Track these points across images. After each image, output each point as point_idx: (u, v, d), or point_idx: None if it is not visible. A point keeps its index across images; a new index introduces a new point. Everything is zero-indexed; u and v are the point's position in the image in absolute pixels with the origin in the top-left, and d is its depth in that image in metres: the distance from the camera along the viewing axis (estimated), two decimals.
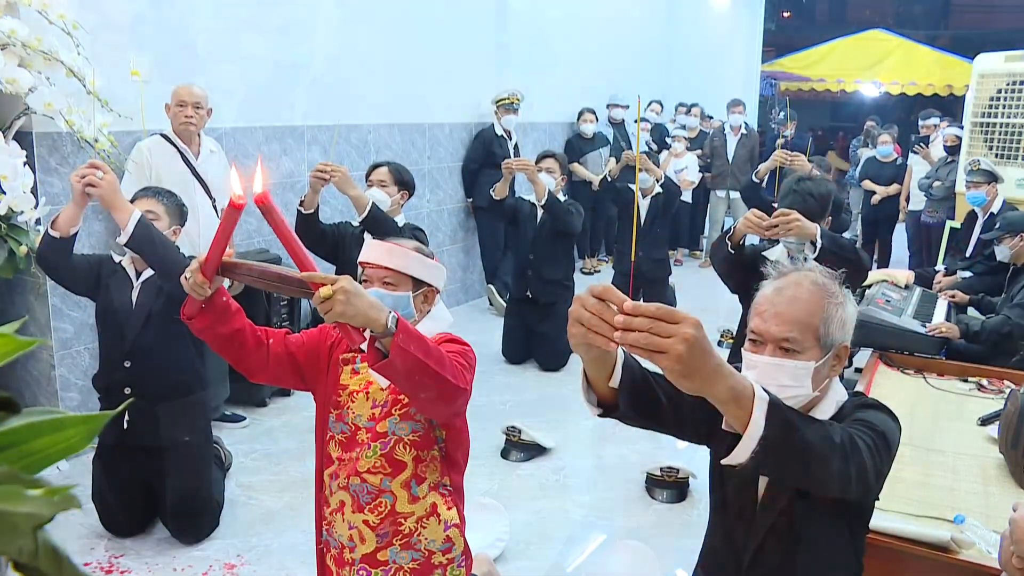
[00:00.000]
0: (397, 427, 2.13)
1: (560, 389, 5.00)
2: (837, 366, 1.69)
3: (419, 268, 2.12)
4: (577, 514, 3.46)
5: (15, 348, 0.38)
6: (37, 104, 3.42)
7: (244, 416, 4.33)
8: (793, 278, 1.67)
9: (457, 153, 6.69)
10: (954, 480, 2.81)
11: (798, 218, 3.01)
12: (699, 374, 1.22)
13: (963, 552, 2.27)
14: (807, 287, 1.65)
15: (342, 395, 2.18)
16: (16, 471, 0.36)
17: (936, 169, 7.26)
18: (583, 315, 1.27)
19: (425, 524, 2.20)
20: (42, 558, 0.36)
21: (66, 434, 0.40)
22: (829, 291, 1.66)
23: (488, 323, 6.38)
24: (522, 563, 3.03)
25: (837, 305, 1.65)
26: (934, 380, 3.73)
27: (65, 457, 0.42)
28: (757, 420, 1.30)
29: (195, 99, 3.91)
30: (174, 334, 3.08)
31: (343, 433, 2.19)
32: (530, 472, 3.85)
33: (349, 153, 5.50)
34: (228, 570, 2.99)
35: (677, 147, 8.46)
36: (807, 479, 1.49)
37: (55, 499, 0.36)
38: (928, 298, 4.56)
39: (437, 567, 2.24)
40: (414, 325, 2.02)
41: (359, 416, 2.16)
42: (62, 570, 0.37)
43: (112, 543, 3.15)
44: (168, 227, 3.08)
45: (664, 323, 1.20)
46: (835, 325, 1.63)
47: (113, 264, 3.15)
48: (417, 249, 2.15)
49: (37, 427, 0.39)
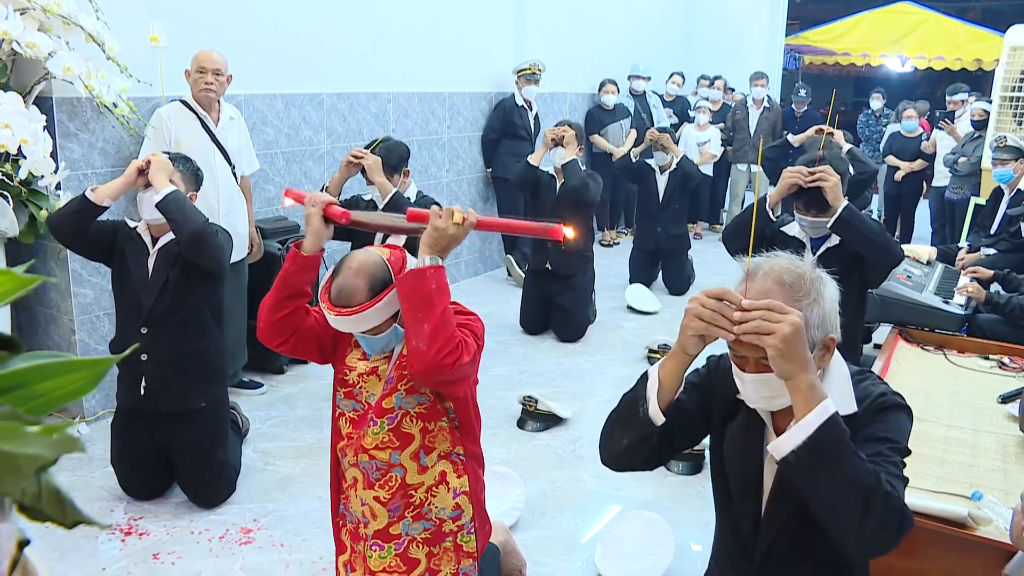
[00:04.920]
0: (403, 401, 2.16)
1: (577, 360, 4.99)
2: (826, 356, 1.63)
3: (387, 307, 2.07)
4: (592, 485, 3.47)
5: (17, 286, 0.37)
6: (56, 69, 3.42)
7: (262, 383, 4.35)
8: (759, 286, 1.58)
9: (477, 123, 6.66)
10: (973, 457, 2.79)
11: (837, 183, 3.18)
12: (796, 359, 1.46)
13: (980, 528, 2.26)
14: (776, 293, 1.56)
15: (350, 375, 2.22)
16: (17, 410, 0.35)
17: (962, 145, 7.15)
18: (703, 312, 1.54)
19: (435, 492, 2.23)
20: (46, 500, 0.36)
21: (72, 377, 0.39)
22: (799, 291, 1.57)
23: (506, 293, 6.38)
24: (537, 532, 3.04)
25: (811, 304, 1.57)
26: (954, 357, 3.70)
27: (71, 400, 0.41)
28: (812, 421, 1.46)
29: (215, 66, 3.90)
30: (191, 301, 3.10)
31: (355, 411, 2.23)
32: (546, 442, 3.86)
33: (368, 122, 5.48)
34: (244, 534, 3.02)
35: (700, 119, 8.39)
36: (827, 504, 1.49)
37: (56, 438, 0.36)
38: (950, 275, 4.51)
39: (448, 534, 2.26)
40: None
41: (372, 395, 2.19)
42: (66, 512, 0.37)
43: (131, 506, 3.18)
44: (184, 193, 3.08)
45: (775, 312, 1.47)
46: (813, 325, 1.56)
47: (128, 230, 3.15)
48: (369, 287, 2.05)
49: (42, 369, 0.39)
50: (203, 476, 3.20)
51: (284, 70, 4.82)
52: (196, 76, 3.89)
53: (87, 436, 3.71)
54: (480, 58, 6.57)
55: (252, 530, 3.05)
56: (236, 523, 3.09)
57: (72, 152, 3.74)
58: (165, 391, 3.09)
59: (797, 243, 3.37)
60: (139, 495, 3.23)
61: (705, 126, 8.43)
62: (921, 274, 4.38)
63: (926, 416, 3.09)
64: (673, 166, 6.32)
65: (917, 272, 4.39)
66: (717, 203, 9.18)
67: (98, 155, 3.84)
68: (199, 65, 3.89)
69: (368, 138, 5.44)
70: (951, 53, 12.45)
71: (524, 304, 5.51)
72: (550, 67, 6.86)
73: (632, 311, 5.96)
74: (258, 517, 3.14)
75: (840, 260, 3.19)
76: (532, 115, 6.79)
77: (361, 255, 2.12)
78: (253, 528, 3.06)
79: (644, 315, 5.91)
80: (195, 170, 3.21)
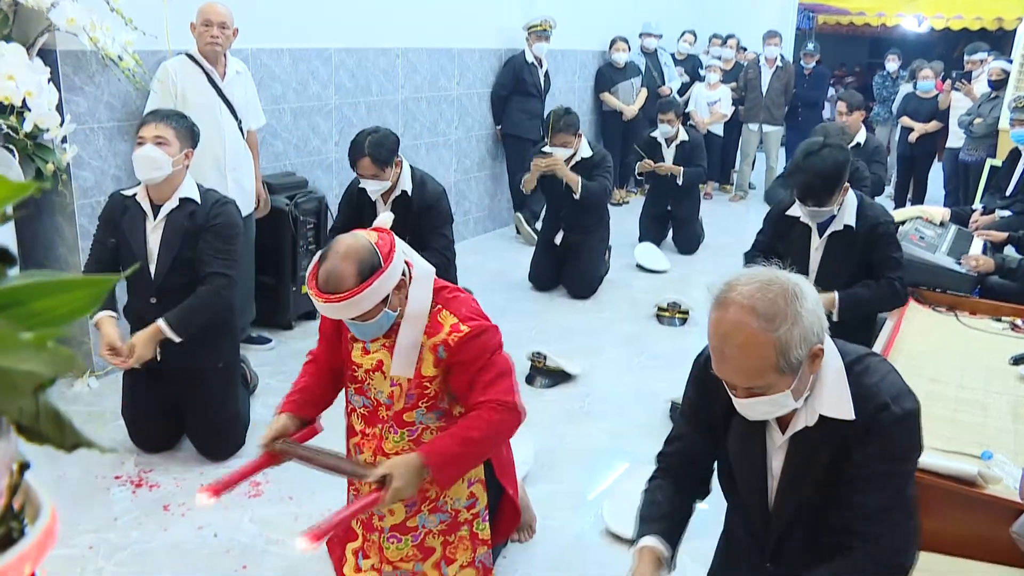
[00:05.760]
0: (424, 417, 2.20)
1: (586, 317, 4.98)
2: (816, 363, 1.60)
3: (376, 293, 2.00)
4: (601, 441, 3.47)
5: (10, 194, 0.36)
6: (59, 20, 3.37)
7: (270, 338, 4.36)
8: (732, 317, 1.53)
9: (487, 79, 6.58)
10: (984, 417, 2.77)
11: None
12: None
13: (990, 487, 2.25)
14: (749, 329, 1.51)
15: (358, 371, 2.23)
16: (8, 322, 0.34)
17: (978, 106, 7.03)
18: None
19: None
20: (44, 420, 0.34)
21: (71, 296, 0.37)
22: (774, 319, 1.51)
23: (515, 251, 6.36)
24: (546, 486, 3.05)
25: (789, 328, 1.51)
26: (966, 318, 3.67)
27: (70, 320, 0.39)
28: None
29: (220, 19, 3.84)
30: (189, 269, 3.08)
31: (364, 407, 2.26)
32: (555, 398, 3.86)
33: (376, 77, 5.42)
34: (253, 487, 3.04)
35: (711, 78, 8.29)
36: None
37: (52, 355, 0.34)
38: (963, 236, 4.46)
39: (463, 524, 2.31)
40: (400, 317, 2.11)
41: (380, 392, 2.22)
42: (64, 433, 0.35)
43: (141, 458, 3.20)
44: (179, 151, 3.02)
45: None
46: (794, 346, 1.52)
47: (125, 201, 3.09)
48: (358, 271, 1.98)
49: (41, 287, 0.37)
50: (213, 430, 3.22)
51: (291, 25, 4.75)
52: (202, 29, 3.84)
53: (96, 391, 3.72)
54: (490, 14, 6.48)
55: (261, 483, 3.06)
56: None
57: (78, 106, 3.70)
58: (179, 355, 3.08)
59: (803, 226, 3.33)
60: (149, 448, 3.25)
61: (716, 85, 8.34)
62: (934, 235, 4.34)
63: (937, 377, 3.07)
64: (680, 139, 6.31)
65: (930, 233, 4.34)
66: (727, 163, 9.10)
67: (104, 109, 3.81)
68: (205, 18, 3.84)
69: (376, 94, 5.39)
70: (970, 12, 12.20)
71: (535, 260, 5.49)
72: (561, 24, 6.76)
73: (641, 269, 5.94)
74: (267, 470, 3.13)
75: (851, 243, 3.16)
76: (542, 72, 6.71)
77: (348, 239, 2.03)
78: (262, 481, 3.07)
79: (653, 274, 5.89)
80: (189, 126, 3.12)
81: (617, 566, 2.65)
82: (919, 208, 4.97)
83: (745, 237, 7.10)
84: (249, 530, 2.79)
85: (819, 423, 1.64)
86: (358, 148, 3.72)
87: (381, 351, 2.19)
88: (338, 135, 5.14)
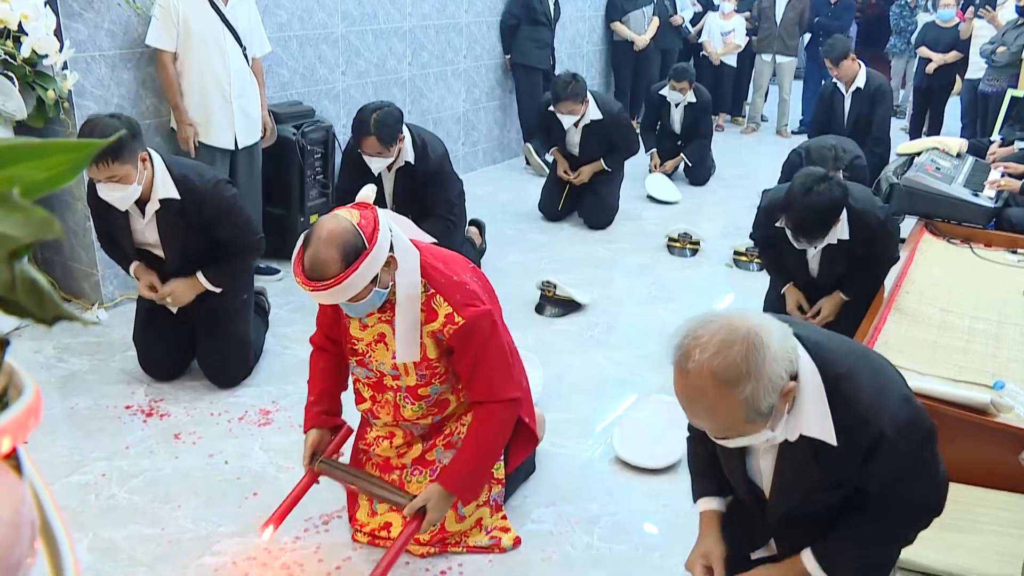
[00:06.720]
0: (438, 389, 2.29)
1: (595, 248, 4.95)
2: (789, 396, 1.51)
3: (363, 276, 1.96)
4: (610, 370, 3.47)
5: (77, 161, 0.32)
6: None
7: (279, 269, 4.35)
8: (693, 384, 1.46)
9: (496, 7, 6.43)
10: (996, 348, 2.76)
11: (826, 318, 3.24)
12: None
13: (1001, 415, 2.24)
14: (712, 395, 1.45)
15: (358, 344, 2.26)
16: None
17: (1002, 34, 6.81)
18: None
19: (462, 420, 2.38)
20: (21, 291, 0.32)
21: (51, 161, 0.34)
22: (737, 383, 1.43)
23: (525, 182, 6.30)
24: (555, 415, 3.05)
25: (755, 386, 1.43)
26: (981, 250, 3.63)
27: (50, 189, 0.36)
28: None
29: None
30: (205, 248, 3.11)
31: (368, 377, 2.32)
32: (564, 327, 3.85)
33: (383, 5, 5.29)
34: (263, 415, 3.05)
35: (725, 7, 8.08)
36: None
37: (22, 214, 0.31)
38: (981, 168, 4.38)
39: None
40: (392, 293, 2.13)
41: (382, 363, 2.26)
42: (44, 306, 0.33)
43: (151, 388, 3.22)
44: (135, 165, 2.84)
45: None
46: (762, 398, 1.45)
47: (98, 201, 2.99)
48: (342, 256, 1.93)
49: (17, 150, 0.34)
50: (224, 354, 3.22)
51: None
52: None
53: (106, 322, 3.72)
54: None
55: (271, 411, 3.08)
56: (255, 405, 3.13)
57: (78, 33, 3.62)
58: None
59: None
60: (159, 375, 3.26)
61: (730, 15, 8.13)
62: (950, 166, 4.26)
63: (951, 307, 3.05)
64: (688, 100, 6.19)
65: (946, 164, 4.26)
66: (740, 95, 8.93)
67: (105, 36, 3.73)
68: None
69: (384, 22, 5.27)
70: None
71: (546, 189, 5.44)
72: None
73: (652, 200, 5.88)
74: (276, 399, 3.16)
75: (848, 248, 3.08)
76: (552, 0, 6.55)
77: (330, 223, 1.97)
78: (272, 410, 3.09)
79: (664, 204, 5.83)
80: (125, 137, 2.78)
81: (626, 494, 2.67)
82: (935, 139, 4.87)
83: (756, 169, 7.04)
84: (260, 458, 2.81)
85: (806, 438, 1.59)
86: (363, 127, 3.64)
87: (379, 324, 2.20)
88: (345, 64, 5.05)
